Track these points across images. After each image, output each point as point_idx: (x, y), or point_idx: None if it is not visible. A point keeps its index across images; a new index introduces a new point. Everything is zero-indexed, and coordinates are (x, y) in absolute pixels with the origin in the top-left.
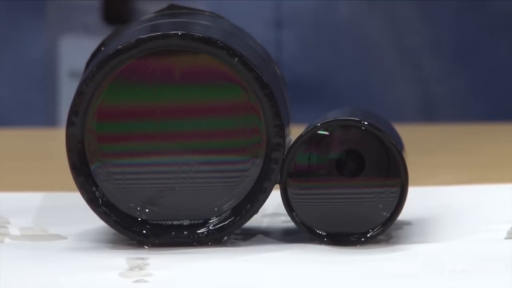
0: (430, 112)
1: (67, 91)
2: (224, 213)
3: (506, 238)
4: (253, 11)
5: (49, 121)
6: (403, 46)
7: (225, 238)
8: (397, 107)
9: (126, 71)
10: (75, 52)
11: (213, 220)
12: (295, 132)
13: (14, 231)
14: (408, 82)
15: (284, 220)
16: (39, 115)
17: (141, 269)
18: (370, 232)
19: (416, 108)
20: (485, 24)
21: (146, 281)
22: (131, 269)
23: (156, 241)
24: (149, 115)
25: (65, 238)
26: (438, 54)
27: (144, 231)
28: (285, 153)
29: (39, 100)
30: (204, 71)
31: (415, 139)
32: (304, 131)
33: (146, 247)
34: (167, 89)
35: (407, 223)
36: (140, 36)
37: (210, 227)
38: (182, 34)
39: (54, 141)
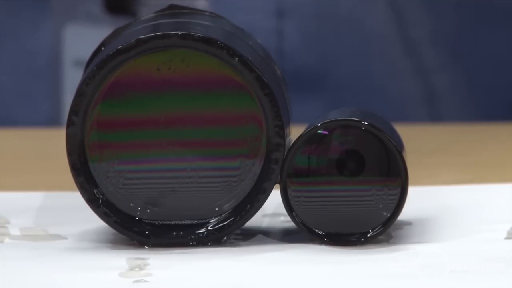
0: (432, 104)
1: (72, 79)
2: (224, 213)
3: (506, 238)
4: (255, 1)
5: (54, 110)
6: (404, 37)
7: (225, 238)
8: (398, 98)
9: (128, 77)
10: (79, 41)
11: (213, 220)
12: (295, 132)
13: (14, 231)
14: (409, 73)
15: (284, 220)
16: (43, 104)
17: (141, 269)
18: (370, 232)
19: (418, 99)
20: (483, 15)
21: (146, 281)
22: (131, 269)
23: (156, 241)
24: (151, 120)
25: (65, 238)
26: (438, 46)
27: (144, 231)
28: (285, 153)
29: (43, 89)
30: (210, 79)
31: (416, 139)
32: (304, 131)
33: (146, 247)
34: (170, 96)
35: (407, 223)
36: (140, 36)
37: (210, 227)
38: (182, 34)
39: (54, 141)
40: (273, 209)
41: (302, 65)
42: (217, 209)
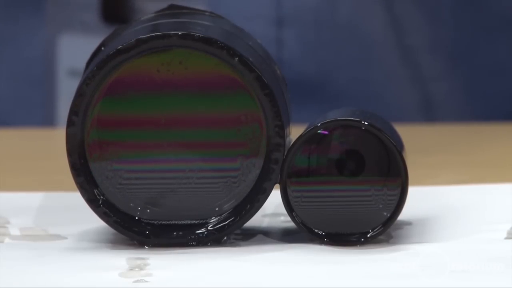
0: (430, 111)
1: (66, 89)
2: (224, 213)
3: (506, 238)
4: (254, 9)
5: (48, 119)
6: (404, 45)
7: (225, 238)
8: (397, 106)
9: (128, 77)
10: (74, 50)
11: (213, 220)
12: (295, 132)
13: (14, 231)
14: (409, 81)
15: (284, 220)
16: (37, 113)
17: (141, 269)
18: (370, 232)
19: (416, 106)
20: (482, 23)
21: (146, 281)
22: (131, 269)
23: (156, 241)
24: (151, 121)
25: (65, 238)
26: (436, 53)
27: (144, 231)
28: (285, 153)
29: (37, 98)
30: (210, 79)
31: (415, 139)
32: (304, 131)
33: (146, 247)
34: (170, 97)
35: (407, 223)
36: (140, 36)
37: (210, 227)
38: (182, 34)
39: (54, 141)
40: (273, 209)
41: (301, 73)
42: (217, 209)
